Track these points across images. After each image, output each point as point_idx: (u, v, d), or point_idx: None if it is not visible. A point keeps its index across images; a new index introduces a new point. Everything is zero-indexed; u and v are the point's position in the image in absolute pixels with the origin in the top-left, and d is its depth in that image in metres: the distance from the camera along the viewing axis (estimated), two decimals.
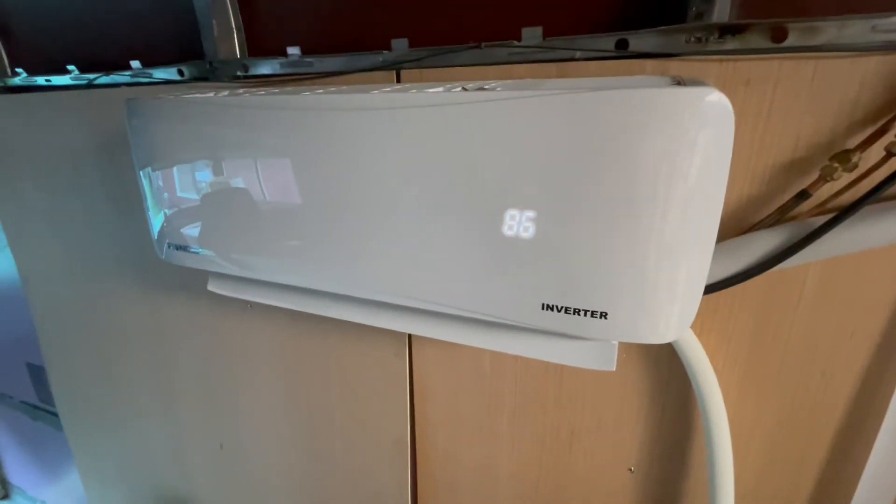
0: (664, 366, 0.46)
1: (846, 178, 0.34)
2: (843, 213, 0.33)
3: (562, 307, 0.32)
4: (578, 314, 0.31)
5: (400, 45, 0.47)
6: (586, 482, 0.54)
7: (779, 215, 0.37)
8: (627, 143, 0.26)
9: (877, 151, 0.33)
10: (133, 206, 0.70)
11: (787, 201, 0.36)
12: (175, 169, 0.47)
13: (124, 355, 0.85)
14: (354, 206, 0.37)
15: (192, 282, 0.70)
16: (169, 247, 0.50)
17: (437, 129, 0.32)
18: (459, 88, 0.33)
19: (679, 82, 0.29)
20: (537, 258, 0.31)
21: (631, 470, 0.51)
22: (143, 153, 0.48)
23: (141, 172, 0.49)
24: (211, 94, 0.44)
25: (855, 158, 0.33)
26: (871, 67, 0.33)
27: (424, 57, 0.46)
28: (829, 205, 0.36)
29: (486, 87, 0.33)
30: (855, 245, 0.35)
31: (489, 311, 0.34)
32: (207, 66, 0.58)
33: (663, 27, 0.37)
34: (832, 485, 0.44)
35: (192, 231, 0.49)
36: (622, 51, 0.39)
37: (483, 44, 0.43)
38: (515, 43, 0.42)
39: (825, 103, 0.35)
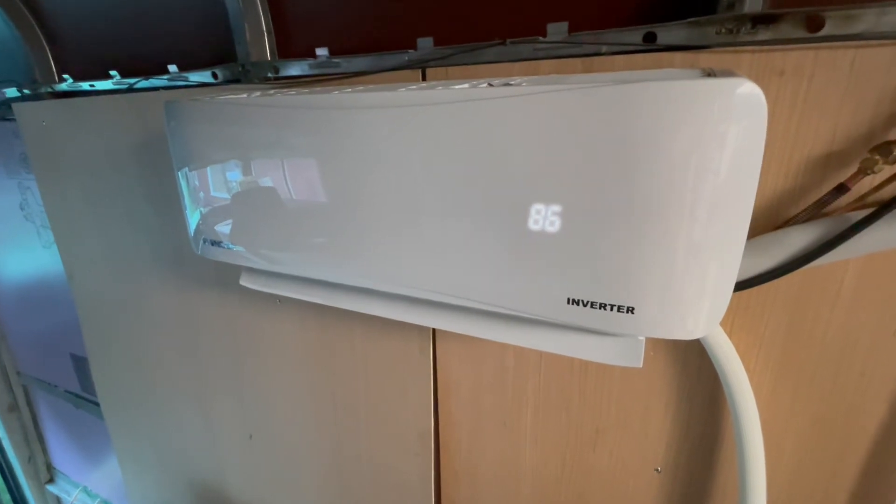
0: (692, 364, 0.45)
1: (888, 170, 0.33)
2: (885, 207, 0.32)
3: (588, 301, 0.32)
4: (605, 308, 0.31)
5: (425, 43, 0.47)
6: (611, 481, 0.54)
7: (815, 210, 0.35)
8: (656, 137, 0.26)
9: None
10: (170, 204, 0.73)
11: (824, 195, 0.35)
12: (210, 168, 0.49)
13: (160, 348, 0.89)
14: (381, 202, 0.38)
15: (225, 278, 0.72)
16: (205, 243, 0.52)
17: (464, 125, 0.32)
18: (485, 84, 0.33)
19: (710, 74, 0.28)
20: (564, 252, 0.31)
21: (658, 470, 0.51)
22: (180, 153, 0.50)
23: (179, 172, 0.51)
24: (244, 96, 0.45)
25: None
26: None
27: (449, 55, 0.46)
28: (870, 199, 0.34)
29: (512, 82, 0.33)
30: (894, 241, 0.33)
31: (515, 305, 0.34)
32: (240, 68, 0.60)
33: (693, 19, 0.37)
34: (869, 491, 0.42)
35: (225, 228, 0.51)
36: (650, 44, 0.38)
37: (508, 40, 0.43)
38: (540, 39, 0.42)
39: (864, 93, 0.34)
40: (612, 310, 0.31)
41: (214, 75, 0.63)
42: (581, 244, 0.30)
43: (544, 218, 0.31)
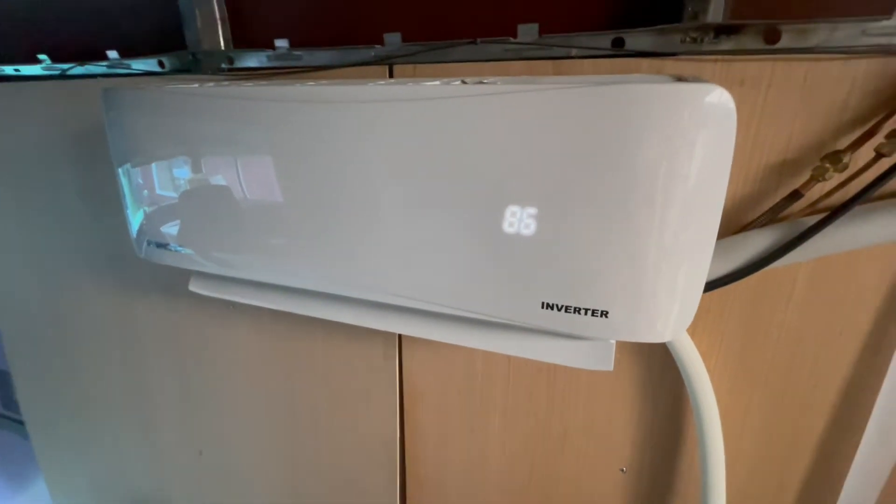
0: (657, 365, 0.46)
1: (837, 178, 0.35)
2: (836, 213, 0.34)
3: (562, 306, 0.31)
4: (579, 313, 0.31)
5: (393, 39, 0.46)
6: (577, 483, 0.54)
7: (771, 215, 0.37)
8: (630, 139, 0.26)
9: (865, 152, 0.34)
10: (108, 202, 0.67)
11: (780, 201, 0.37)
12: (156, 164, 0.45)
13: (96, 359, 0.82)
14: (344, 202, 0.36)
15: (171, 282, 0.67)
16: (149, 244, 0.48)
17: (438, 123, 0.31)
18: (458, 82, 0.32)
19: (680, 79, 0.29)
20: (538, 256, 0.31)
21: (623, 470, 0.51)
22: (121, 147, 0.45)
23: (119, 168, 0.46)
24: (196, 86, 0.42)
25: (846, 159, 0.34)
26: (860, 70, 0.34)
27: (418, 52, 0.45)
28: (820, 205, 0.36)
29: (486, 81, 0.32)
30: (845, 244, 0.35)
31: (486, 310, 0.33)
32: (190, 57, 0.56)
33: (659, 26, 0.37)
34: (819, 483, 0.44)
35: (172, 228, 0.47)
36: (618, 49, 0.39)
37: (479, 39, 0.42)
38: (511, 39, 0.42)
39: (816, 105, 0.35)
40: (585, 314, 0.31)
41: (161, 64, 0.58)
42: (555, 247, 0.30)
43: (519, 220, 0.30)
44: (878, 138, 0.33)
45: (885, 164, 0.33)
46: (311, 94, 0.35)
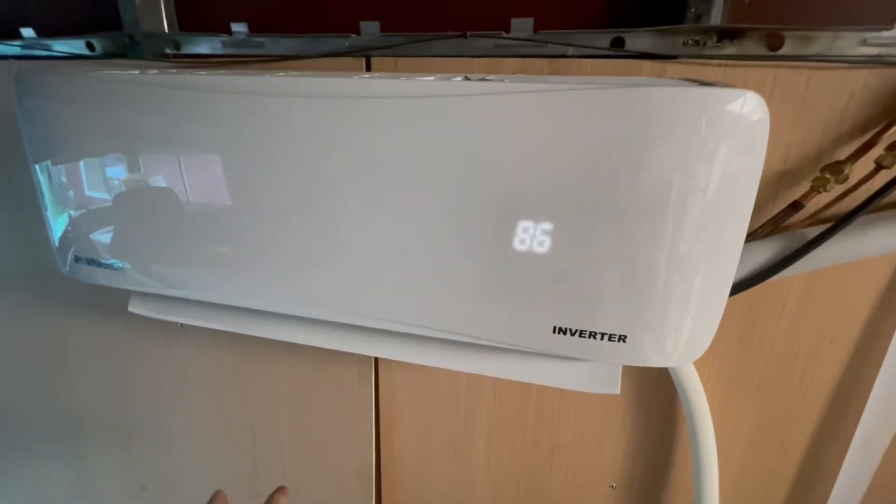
0: (650, 378, 0.45)
1: (838, 189, 0.34)
2: (839, 224, 0.33)
3: (577, 330, 0.28)
4: (594, 338, 0.28)
5: (370, 28, 0.41)
6: (566, 501, 0.52)
7: (773, 225, 0.36)
8: (667, 146, 0.24)
9: (865, 163, 0.33)
10: (22, 207, 0.57)
11: (781, 212, 0.36)
12: (84, 162, 0.38)
13: (16, 389, 0.70)
14: (316, 211, 0.31)
15: (107, 298, 0.58)
16: (76, 260, 0.40)
17: (435, 125, 0.27)
18: (461, 78, 0.28)
19: (704, 84, 0.26)
20: (552, 277, 0.27)
21: (613, 486, 0.50)
22: (39, 141, 0.38)
23: (37, 165, 0.39)
24: (136, 72, 0.35)
25: (847, 170, 0.33)
26: (860, 80, 0.33)
27: (399, 44, 0.40)
28: (821, 216, 0.36)
29: (489, 78, 0.28)
30: (843, 256, 0.35)
31: (490, 335, 0.30)
32: (126, 39, 0.48)
33: (661, 27, 0.35)
34: (807, 490, 0.45)
35: (105, 238, 0.39)
36: (618, 49, 0.36)
37: (468, 33, 0.38)
38: (504, 34, 0.38)
39: (816, 114, 0.35)
40: (602, 339, 0.28)
41: (90, 46, 0.50)
42: (572, 268, 0.27)
43: (532, 237, 0.27)
44: (878, 149, 0.33)
45: (885, 175, 0.32)
46: (278, 87, 0.30)
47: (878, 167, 0.33)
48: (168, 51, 0.48)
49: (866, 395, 0.40)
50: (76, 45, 0.50)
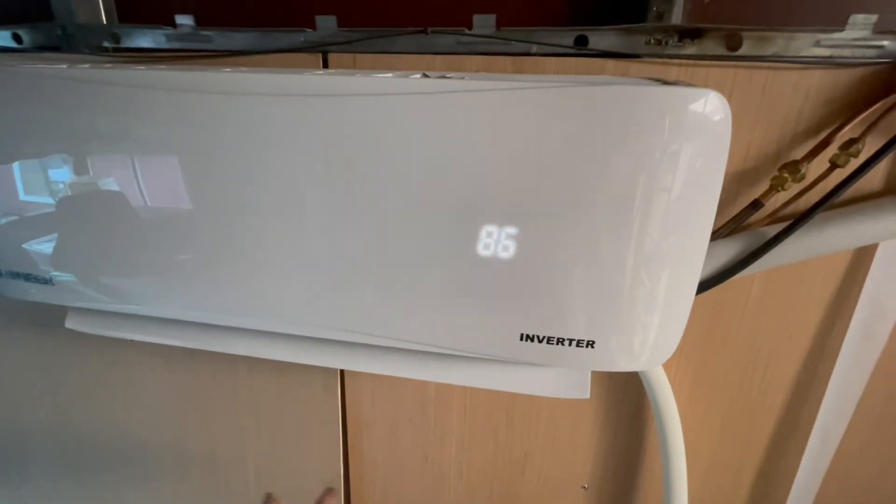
0: (619, 378, 0.45)
1: (795, 188, 0.35)
2: (798, 222, 0.33)
3: (544, 337, 0.27)
4: (562, 344, 0.27)
5: (326, 23, 0.39)
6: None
7: (735, 224, 0.36)
8: (631, 145, 0.23)
9: (820, 162, 0.34)
10: None
11: (742, 210, 0.36)
12: (4, 167, 0.34)
13: None
14: (271, 217, 0.29)
15: (42, 312, 0.53)
16: (3, 275, 0.36)
17: (394, 124, 0.25)
18: (419, 75, 0.27)
19: (666, 83, 0.26)
20: (516, 284, 0.26)
21: (585, 487, 0.50)
22: None
23: None
24: (64, 66, 0.32)
25: (803, 169, 0.34)
26: (814, 80, 0.34)
27: (357, 39, 0.39)
28: (780, 214, 0.36)
29: (449, 76, 0.27)
30: (801, 253, 0.36)
31: (460, 345, 0.29)
32: (59, 31, 0.44)
33: (624, 26, 0.35)
34: (769, 484, 0.46)
35: (38, 249, 0.36)
36: (582, 48, 0.36)
37: (429, 29, 0.37)
38: (466, 31, 0.37)
39: (774, 114, 0.35)
40: (570, 344, 0.27)
41: (17, 38, 0.45)
42: (538, 273, 0.26)
43: (496, 241, 0.26)
44: (832, 148, 0.34)
45: (839, 174, 0.33)
46: (228, 84, 0.27)
47: (833, 166, 0.33)
48: (106, 44, 0.44)
49: (824, 388, 0.41)
50: (1, 37, 0.45)
